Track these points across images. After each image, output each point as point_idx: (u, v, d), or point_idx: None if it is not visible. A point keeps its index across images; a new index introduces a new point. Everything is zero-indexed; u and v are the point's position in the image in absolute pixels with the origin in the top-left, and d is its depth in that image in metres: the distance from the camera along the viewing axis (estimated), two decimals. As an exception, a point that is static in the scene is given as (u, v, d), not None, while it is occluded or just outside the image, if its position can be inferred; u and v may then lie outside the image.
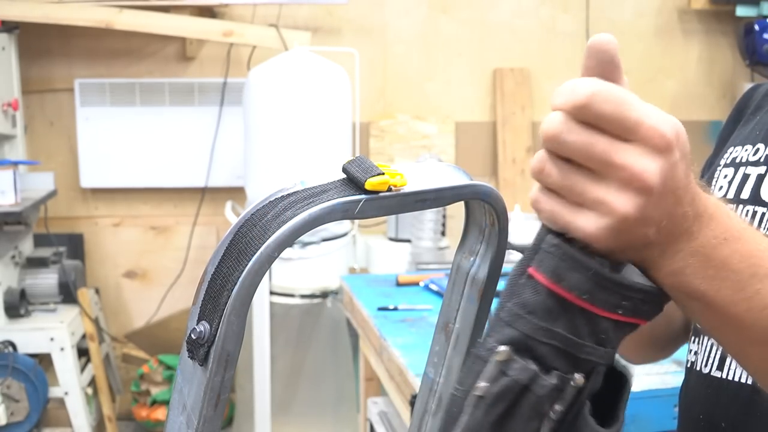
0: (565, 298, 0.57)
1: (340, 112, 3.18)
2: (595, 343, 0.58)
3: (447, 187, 0.68)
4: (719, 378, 0.86)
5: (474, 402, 0.58)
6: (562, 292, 0.57)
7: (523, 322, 0.58)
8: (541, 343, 0.58)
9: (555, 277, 0.57)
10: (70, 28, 3.35)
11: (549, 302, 0.58)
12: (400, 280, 2.47)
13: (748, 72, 3.87)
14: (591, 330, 0.58)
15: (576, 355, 0.58)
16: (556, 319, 0.58)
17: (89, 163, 3.63)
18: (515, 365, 0.57)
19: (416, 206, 0.67)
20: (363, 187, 0.63)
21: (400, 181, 0.65)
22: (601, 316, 0.58)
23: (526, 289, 0.58)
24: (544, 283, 0.58)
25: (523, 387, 0.57)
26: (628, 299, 0.59)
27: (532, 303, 0.58)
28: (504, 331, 0.58)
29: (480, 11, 3.82)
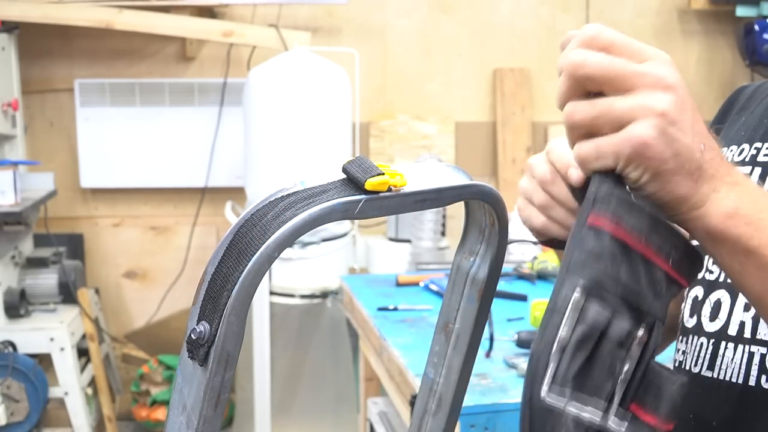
0: (626, 242, 0.60)
1: (340, 112, 3.18)
2: (653, 295, 0.61)
3: (447, 188, 0.68)
4: (710, 378, 0.86)
5: (556, 353, 0.58)
6: (623, 234, 0.60)
7: (590, 269, 0.59)
8: (609, 293, 0.59)
9: (615, 220, 0.60)
10: (70, 28, 3.35)
11: (612, 247, 0.60)
12: (400, 280, 2.47)
13: (748, 72, 3.87)
14: (649, 279, 0.60)
15: (638, 307, 0.60)
16: (619, 265, 0.59)
17: (89, 163, 3.63)
18: (591, 310, 0.58)
19: (416, 206, 0.67)
20: (363, 187, 0.63)
21: (400, 181, 0.65)
22: (656, 264, 0.61)
23: (588, 238, 0.60)
24: (606, 227, 0.60)
25: (600, 333, 0.58)
26: (675, 248, 0.62)
27: (597, 250, 0.59)
28: (575, 279, 0.59)
29: (480, 11, 3.82)
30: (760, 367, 0.81)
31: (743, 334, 0.83)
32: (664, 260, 0.62)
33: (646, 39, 3.32)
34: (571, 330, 0.58)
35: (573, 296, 0.59)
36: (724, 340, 0.84)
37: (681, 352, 0.92)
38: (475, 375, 0.73)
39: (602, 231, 0.60)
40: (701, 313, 0.88)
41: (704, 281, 0.89)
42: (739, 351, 0.83)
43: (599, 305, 0.58)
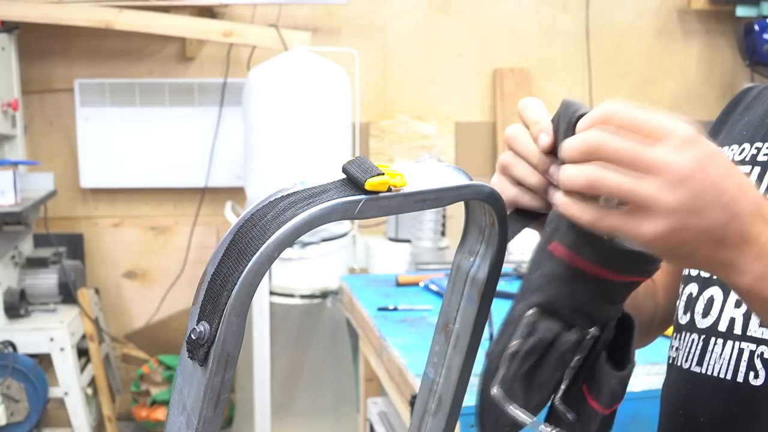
0: (581, 269, 0.66)
1: (340, 112, 3.18)
2: (608, 303, 0.68)
3: (447, 188, 0.68)
4: (699, 373, 0.86)
5: (508, 358, 0.67)
6: (580, 263, 0.66)
7: (546, 288, 0.67)
8: (562, 307, 0.67)
9: (573, 251, 0.66)
10: (70, 28, 3.35)
11: (567, 272, 0.66)
12: (400, 281, 2.47)
13: (748, 72, 3.87)
14: (603, 293, 0.67)
15: (592, 313, 0.67)
16: (574, 286, 0.67)
17: (89, 163, 3.63)
18: (542, 325, 0.66)
19: (416, 206, 0.67)
20: (363, 187, 0.63)
21: (400, 181, 0.65)
22: (612, 280, 0.67)
23: (546, 262, 0.67)
24: (564, 256, 0.66)
25: (548, 343, 0.67)
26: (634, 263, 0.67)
27: (553, 273, 0.67)
28: (531, 297, 0.67)
29: (480, 11, 3.82)
30: (749, 364, 0.81)
31: (733, 330, 0.83)
32: (620, 275, 0.67)
33: (646, 39, 3.32)
34: (521, 341, 0.67)
35: (527, 313, 0.67)
36: (714, 336, 0.85)
37: (674, 348, 0.93)
38: (475, 375, 0.74)
39: (559, 258, 0.67)
40: (695, 310, 0.89)
41: (699, 278, 0.89)
42: (728, 347, 0.83)
43: (550, 321, 0.67)
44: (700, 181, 0.59)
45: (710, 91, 4.00)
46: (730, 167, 0.62)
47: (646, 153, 0.59)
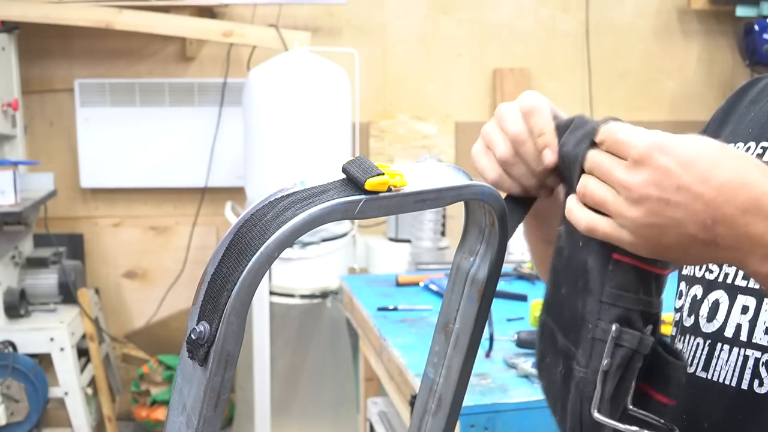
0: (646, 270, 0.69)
1: (340, 112, 3.18)
2: (657, 297, 0.71)
3: (447, 188, 0.68)
4: (704, 379, 0.85)
5: (602, 377, 0.68)
6: (645, 266, 0.69)
7: (623, 300, 0.68)
8: (635, 312, 0.69)
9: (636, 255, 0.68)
10: (70, 28, 3.35)
11: (636, 278, 0.69)
12: (400, 281, 2.47)
13: (748, 72, 3.87)
14: (658, 289, 0.70)
15: (649, 312, 0.70)
16: (640, 288, 0.69)
17: (89, 163, 3.63)
18: (626, 336, 0.68)
19: (416, 206, 0.67)
20: (363, 187, 0.63)
21: (399, 181, 0.65)
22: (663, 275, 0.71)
23: (617, 273, 0.69)
24: (631, 262, 0.68)
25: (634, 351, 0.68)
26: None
27: (625, 282, 0.68)
28: (611, 311, 0.68)
29: (480, 11, 3.81)
30: (754, 371, 0.81)
31: (739, 337, 0.83)
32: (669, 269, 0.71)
33: (646, 39, 3.32)
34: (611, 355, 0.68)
35: (612, 328, 0.68)
36: (720, 342, 0.84)
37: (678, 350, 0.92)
38: (475, 375, 0.74)
39: (628, 265, 0.69)
40: (699, 313, 0.88)
41: (703, 280, 0.88)
42: (734, 354, 0.83)
43: (631, 333, 0.68)
44: (656, 197, 0.63)
45: (710, 91, 4.00)
46: (705, 172, 0.62)
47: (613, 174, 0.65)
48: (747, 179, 0.63)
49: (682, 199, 0.62)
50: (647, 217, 0.64)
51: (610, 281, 0.69)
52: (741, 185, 0.62)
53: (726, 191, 0.62)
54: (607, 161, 0.66)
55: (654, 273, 0.69)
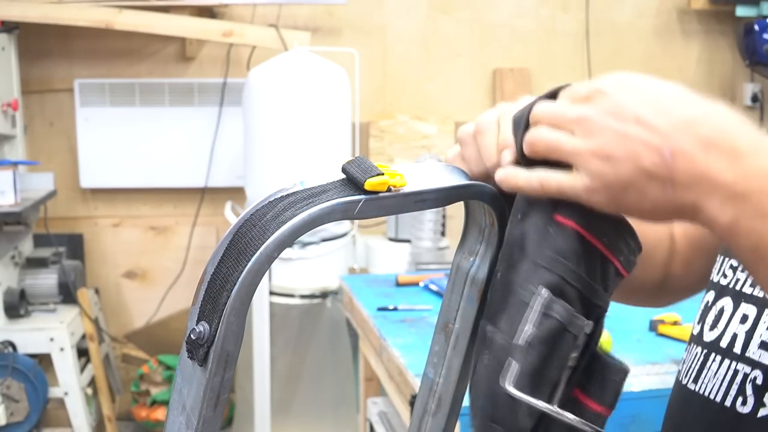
0: (590, 242, 0.62)
1: (339, 112, 3.18)
2: (603, 289, 0.63)
3: (446, 188, 0.68)
4: (692, 391, 0.82)
5: (521, 349, 0.61)
6: (588, 235, 0.62)
7: (559, 266, 0.61)
8: (571, 287, 0.62)
9: (583, 222, 0.62)
10: (70, 28, 3.35)
11: (578, 246, 0.62)
12: (400, 281, 2.47)
13: (748, 72, 3.87)
14: (603, 275, 0.63)
15: (591, 301, 0.62)
16: (581, 263, 0.62)
17: (89, 163, 3.63)
18: (556, 306, 0.61)
19: (416, 206, 0.67)
20: (362, 187, 0.63)
21: (399, 181, 0.65)
22: (611, 261, 0.63)
23: (558, 236, 0.62)
24: (574, 227, 0.62)
25: (563, 329, 0.61)
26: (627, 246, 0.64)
27: (566, 248, 0.62)
28: (543, 275, 0.62)
29: (480, 11, 3.82)
30: (740, 388, 0.76)
31: (733, 349, 0.78)
32: (617, 257, 0.64)
33: (646, 39, 3.32)
34: (537, 325, 0.61)
35: (542, 294, 0.61)
36: (714, 352, 0.80)
37: (683, 360, 0.88)
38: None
39: (570, 230, 0.62)
40: (705, 321, 0.84)
41: (717, 285, 0.84)
42: (724, 366, 0.78)
43: (563, 305, 0.61)
44: (614, 129, 0.58)
45: (710, 91, 3.99)
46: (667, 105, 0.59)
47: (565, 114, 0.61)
48: (710, 114, 0.59)
49: (641, 131, 0.57)
50: (605, 149, 0.58)
51: (548, 244, 0.62)
52: (703, 119, 0.58)
53: (687, 124, 0.58)
54: (557, 105, 0.62)
55: (599, 250, 0.63)
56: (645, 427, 1.55)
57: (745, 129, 0.58)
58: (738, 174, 0.57)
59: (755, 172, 0.56)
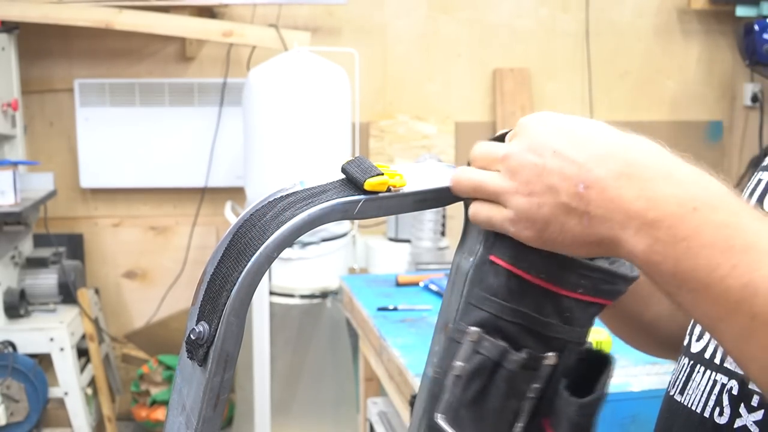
0: (525, 279, 0.62)
1: (339, 112, 3.18)
2: (561, 322, 0.62)
3: (447, 188, 0.68)
4: (678, 402, 0.81)
5: (453, 381, 0.63)
6: (521, 272, 0.62)
7: (489, 303, 0.63)
8: (509, 323, 0.62)
9: (513, 260, 0.62)
10: (70, 28, 3.35)
11: (511, 284, 0.62)
12: (400, 281, 2.47)
13: (748, 72, 3.87)
14: (555, 309, 0.63)
15: (544, 333, 0.62)
16: (520, 299, 0.62)
17: (89, 163, 3.63)
18: (485, 343, 0.62)
19: (416, 206, 0.67)
20: (362, 187, 0.63)
21: (399, 181, 0.65)
22: (562, 294, 0.63)
23: (489, 275, 0.63)
24: (505, 266, 0.62)
25: (495, 363, 0.62)
26: (586, 278, 0.63)
27: (495, 286, 0.63)
28: (473, 314, 0.63)
29: (480, 11, 3.81)
30: (718, 399, 0.75)
31: (714, 359, 0.78)
32: (571, 290, 0.63)
33: (645, 39, 3.32)
34: (467, 360, 0.63)
35: (471, 330, 0.63)
36: (698, 364, 0.80)
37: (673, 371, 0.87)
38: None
39: (501, 268, 0.63)
40: (693, 332, 0.83)
41: None
42: (706, 377, 0.77)
43: (494, 340, 0.62)
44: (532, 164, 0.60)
45: (710, 91, 4.00)
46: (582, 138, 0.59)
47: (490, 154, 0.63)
48: (624, 146, 0.59)
49: (557, 164, 0.59)
50: (526, 186, 0.60)
51: (481, 284, 0.63)
52: (617, 151, 0.58)
53: (600, 156, 0.58)
54: (488, 145, 0.64)
55: (539, 286, 0.62)
56: (645, 427, 1.55)
57: (659, 157, 0.59)
58: (649, 201, 0.56)
59: (666, 197, 0.56)
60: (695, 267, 0.54)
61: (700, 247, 0.54)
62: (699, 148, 3.95)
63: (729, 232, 0.54)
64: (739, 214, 0.55)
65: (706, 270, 0.54)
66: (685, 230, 0.55)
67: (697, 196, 0.56)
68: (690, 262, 0.55)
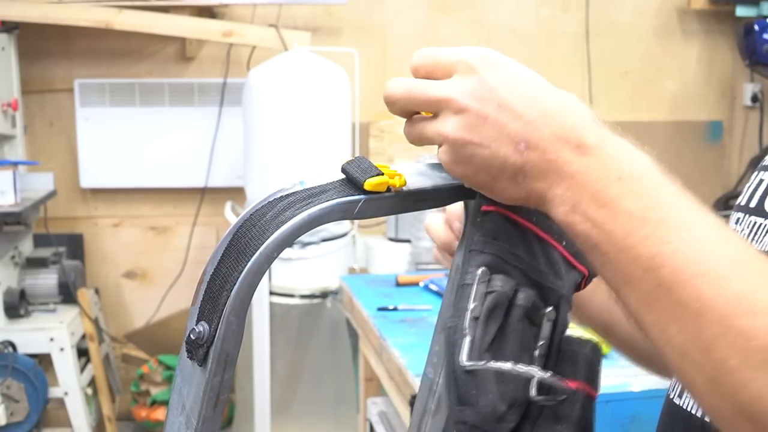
0: (518, 222, 0.63)
1: (339, 112, 3.18)
2: (553, 273, 0.64)
3: (446, 188, 0.68)
4: (677, 405, 0.81)
5: (470, 324, 0.62)
6: (513, 216, 0.64)
7: (491, 245, 0.63)
8: (511, 266, 0.63)
9: (505, 207, 0.63)
10: (70, 28, 3.35)
11: (507, 227, 0.64)
12: (400, 281, 2.47)
13: (748, 72, 3.87)
14: (546, 259, 0.64)
15: (541, 282, 0.63)
16: (517, 244, 0.64)
17: (89, 163, 3.63)
18: (497, 281, 0.62)
19: (415, 206, 0.67)
20: (362, 187, 0.63)
21: (399, 181, 0.65)
22: (550, 244, 0.64)
23: (485, 222, 0.64)
24: (499, 210, 0.64)
25: (508, 301, 0.62)
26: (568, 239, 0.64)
27: (494, 230, 0.64)
28: (478, 258, 0.63)
29: (480, 11, 3.81)
30: None
31: None
32: (557, 241, 0.65)
33: (646, 39, 3.31)
34: (481, 301, 0.62)
35: (478, 271, 0.63)
36: None
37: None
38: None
39: (495, 214, 0.64)
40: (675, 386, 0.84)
41: None
42: None
43: (504, 277, 0.63)
44: (476, 111, 0.59)
45: (710, 91, 4.00)
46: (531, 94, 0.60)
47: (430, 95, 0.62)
48: (565, 107, 0.61)
49: (501, 117, 0.59)
50: (463, 132, 0.60)
51: (479, 231, 0.64)
52: (558, 112, 0.60)
53: (547, 116, 0.59)
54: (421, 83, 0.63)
55: (531, 231, 0.64)
56: (645, 427, 1.55)
57: (591, 123, 0.60)
58: (582, 165, 0.58)
59: (596, 164, 0.58)
60: (611, 231, 0.56)
61: (617, 215, 0.56)
62: (699, 148, 3.95)
63: (646, 202, 0.56)
64: (660, 187, 0.57)
65: (620, 236, 0.56)
66: (606, 197, 0.57)
67: (622, 166, 0.57)
68: (606, 227, 0.56)
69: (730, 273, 0.52)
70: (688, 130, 3.96)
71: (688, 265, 0.53)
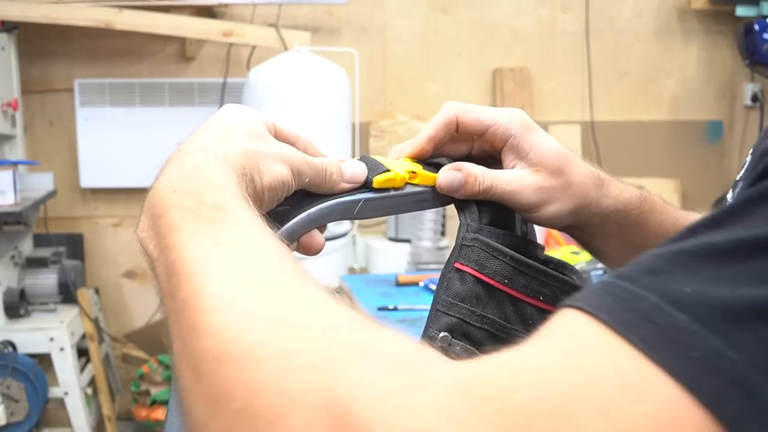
0: (489, 284, 0.64)
1: (339, 112, 3.18)
2: (524, 328, 0.64)
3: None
4: None
5: None
6: (486, 278, 0.63)
7: (456, 308, 0.63)
8: (476, 328, 0.63)
9: (478, 266, 0.63)
10: (70, 28, 3.35)
11: (476, 289, 0.63)
12: (400, 280, 2.47)
13: (748, 72, 3.87)
14: (518, 316, 0.64)
15: (508, 340, 0.63)
16: (485, 305, 0.64)
17: (89, 163, 3.63)
18: (456, 347, 0.62)
19: (415, 206, 0.67)
20: (370, 185, 0.64)
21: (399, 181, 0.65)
22: (524, 301, 0.64)
23: (454, 281, 0.64)
24: (470, 272, 0.63)
25: None
26: (546, 286, 0.65)
27: (462, 292, 0.64)
28: (441, 319, 0.63)
29: (480, 11, 3.81)
30: None
31: None
32: (533, 298, 0.65)
33: (645, 39, 3.30)
34: None
35: (440, 335, 0.63)
36: None
37: None
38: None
39: (466, 274, 0.64)
40: None
41: None
42: None
43: (464, 343, 0.63)
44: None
45: (710, 90, 4.00)
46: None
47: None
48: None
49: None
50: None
51: (447, 290, 0.64)
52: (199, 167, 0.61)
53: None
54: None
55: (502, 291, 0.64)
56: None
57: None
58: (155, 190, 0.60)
59: (164, 183, 0.60)
60: (166, 246, 0.54)
61: (166, 227, 0.55)
62: (699, 148, 3.95)
63: (185, 214, 0.55)
64: (202, 199, 0.56)
65: (169, 248, 0.54)
66: (160, 209, 0.57)
67: (182, 181, 0.58)
68: (163, 241, 0.55)
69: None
70: (688, 130, 3.96)
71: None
